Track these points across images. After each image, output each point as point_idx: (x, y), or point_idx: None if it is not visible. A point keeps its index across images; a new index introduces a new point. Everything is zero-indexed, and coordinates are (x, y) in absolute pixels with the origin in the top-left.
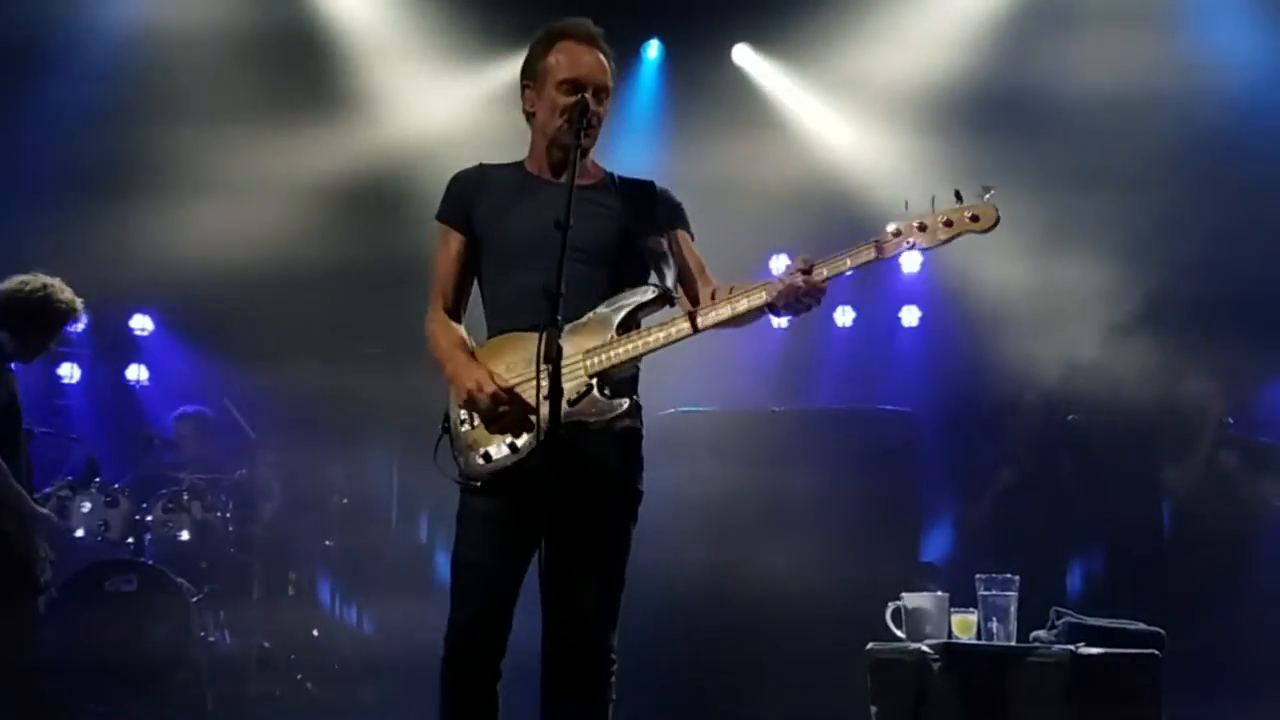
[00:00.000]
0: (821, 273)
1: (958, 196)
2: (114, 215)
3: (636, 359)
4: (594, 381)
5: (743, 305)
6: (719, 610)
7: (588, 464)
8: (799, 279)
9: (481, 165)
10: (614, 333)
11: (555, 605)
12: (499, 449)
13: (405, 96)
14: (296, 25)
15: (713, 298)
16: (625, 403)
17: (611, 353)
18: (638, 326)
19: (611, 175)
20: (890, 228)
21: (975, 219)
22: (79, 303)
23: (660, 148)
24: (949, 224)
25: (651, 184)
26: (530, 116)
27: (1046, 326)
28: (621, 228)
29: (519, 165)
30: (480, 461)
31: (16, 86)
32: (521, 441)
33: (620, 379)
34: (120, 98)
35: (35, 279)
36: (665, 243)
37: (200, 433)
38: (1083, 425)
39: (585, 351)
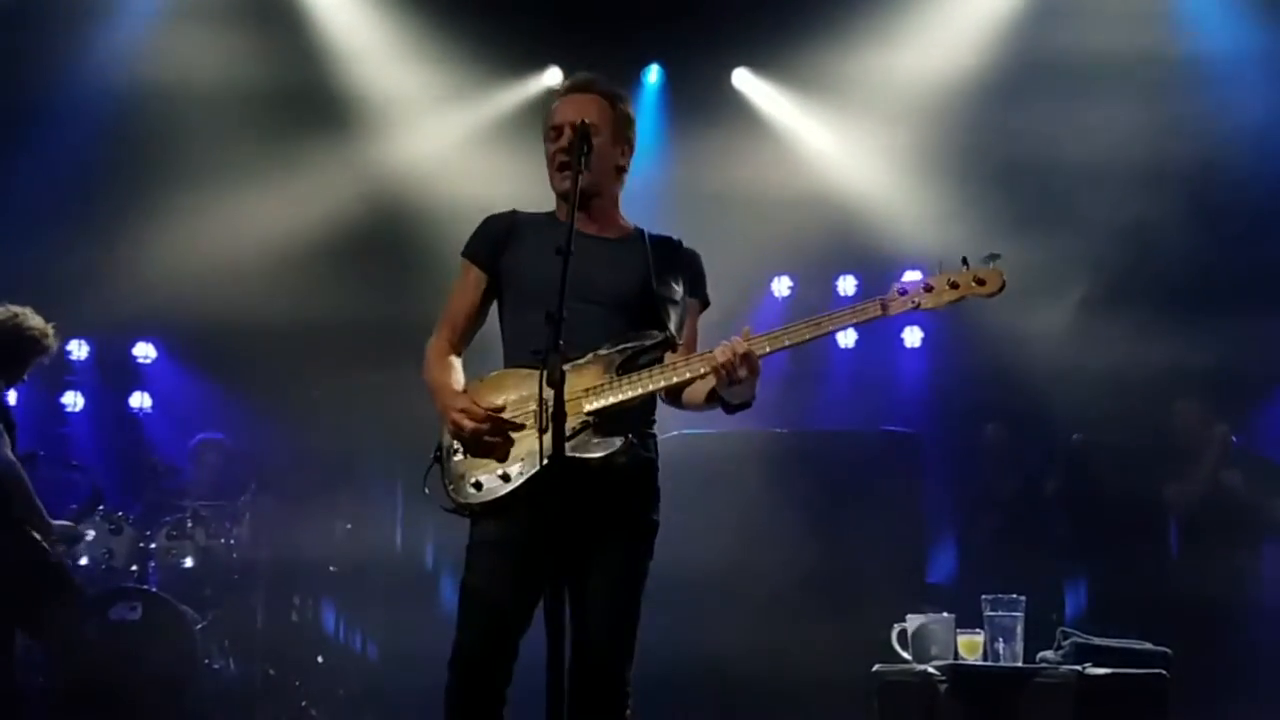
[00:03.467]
0: (764, 348)
1: (964, 262)
2: (117, 244)
3: (633, 400)
4: (591, 420)
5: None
6: (724, 632)
7: (599, 494)
8: (731, 351)
9: (515, 211)
10: (614, 373)
11: (571, 638)
12: (490, 479)
13: (408, 124)
14: (300, 57)
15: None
16: (618, 441)
17: (609, 393)
18: (640, 369)
19: (641, 231)
20: (896, 287)
21: (981, 283)
22: (50, 329)
23: (662, 172)
24: (954, 286)
25: (679, 243)
26: None
27: (1047, 345)
28: (643, 279)
29: (551, 215)
30: (471, 490)
31: (19, 113)
32: (514, 471)
33: (619, 417)
34: (122, 127)
35: (3, 309)
36: (682, 292)
37: (221, 459)
38: (1087, 444)
39: (584, 390)
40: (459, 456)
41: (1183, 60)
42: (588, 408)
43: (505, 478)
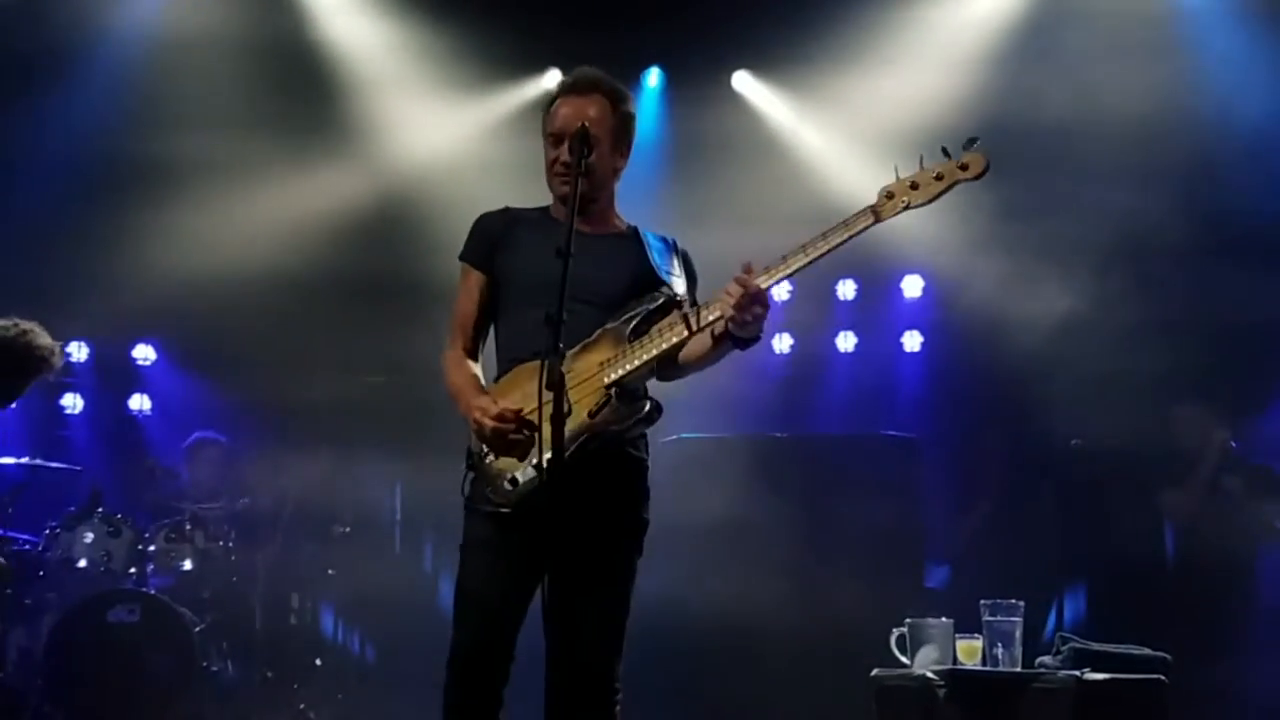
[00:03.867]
0: (767, 281)
1: (945, 153)
2: (115, 245)
3: (652, 363)
4: (613, 391)
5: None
6: (722, 637)
7: (592, 493)
8: (742, 292)
9: (507, 207)
10: (627, 341)
11: (559, 634)
12: (525, 472)
13: (408, 125)
14: (300, 55)
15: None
16: (645, 405)
17: (626, 360)
18: (650, 332)
19: (636, 229)
20: (883, 193)
21: (965, 168)
22: (58, 348)
23: (662, 174)
24: (939, 177)
25: (674, 242)
26: None
27: (1046, 349)
28: (638, 273)
29: (544, 209)
30: (508, 487)
31: (13, 119)
32: (546, 459)
33: (636, 388)
34: (120, 129)
35: (14, 324)
36: (683, 272)
37: (219, 459)
38: (1085, 449)
39: (600, 364)
40: (491, 458)
41: (1184, 70)
42: (608, 380)
43: (538, 468)
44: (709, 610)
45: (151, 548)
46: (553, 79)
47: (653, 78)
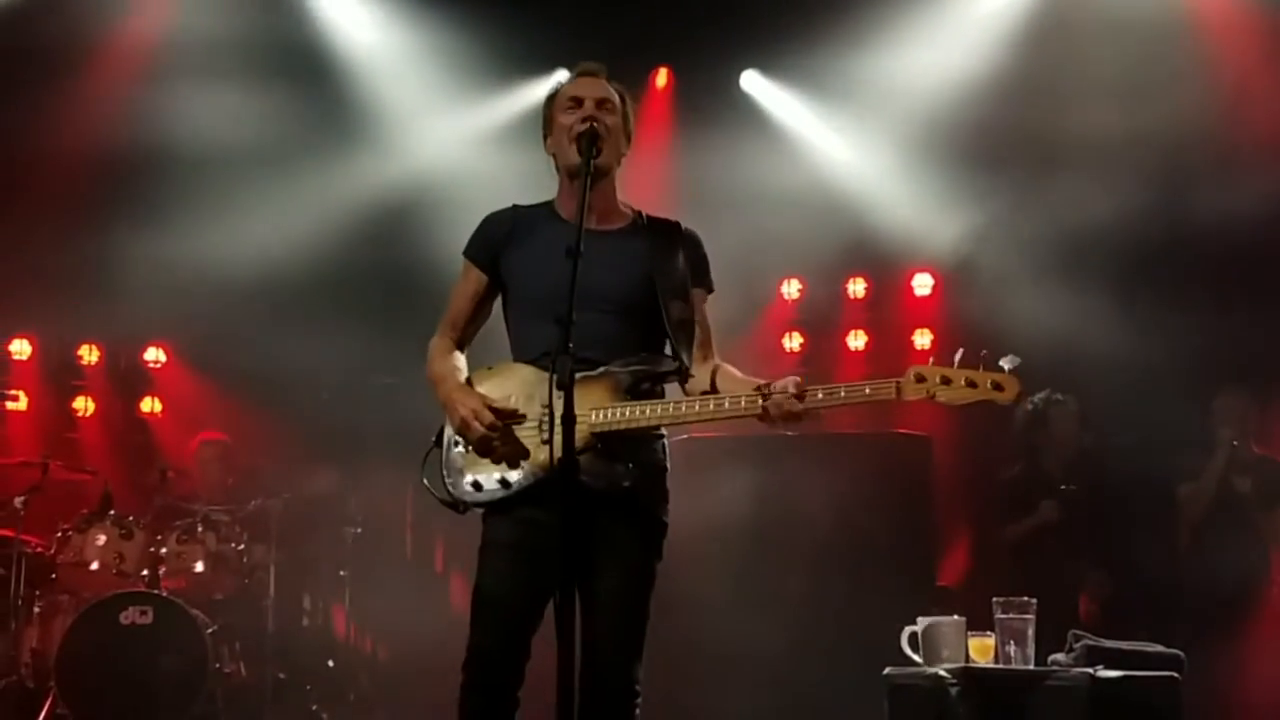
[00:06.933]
0: (817, 395)
1: (982, 360)
2: (126, 249)
3: (642, 429)
4: (596, 444)
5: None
6: (736, 635)
7: (610, 496)
8: (793, 404)
9: (515, 206)
10: (624, 395)
11: (576, 637)
12: (489, 481)
13: (416, 126)
14: (311, 57)
15: (712, 380)
16: (621, 469)
17: (618, 414)
18: (648, 395)
19: (640, 215)
20: (914, 374)
21: (999, 388)
22: None
23: (670, 174)
24: (972, 385)
25: (678, 227)
26: (554, 161)
27: (1061, 348)
28: (647, 278)
29: (549, 205)
30: (469, 489)
31: (23, 120)
32: (514, 477)
33: (625, 439)
34: (131, 130)
35: None
36: (688, 306)
37: (223, 459)
38: (1097, 447)
39: (591, 409)
40: (459, 449)
41: (1190, 52)
42: (593, 427)
43: (504, 483)
44: (720, 608)
45: (163, 550)
46: (560, 79)
47: (661, 77)
